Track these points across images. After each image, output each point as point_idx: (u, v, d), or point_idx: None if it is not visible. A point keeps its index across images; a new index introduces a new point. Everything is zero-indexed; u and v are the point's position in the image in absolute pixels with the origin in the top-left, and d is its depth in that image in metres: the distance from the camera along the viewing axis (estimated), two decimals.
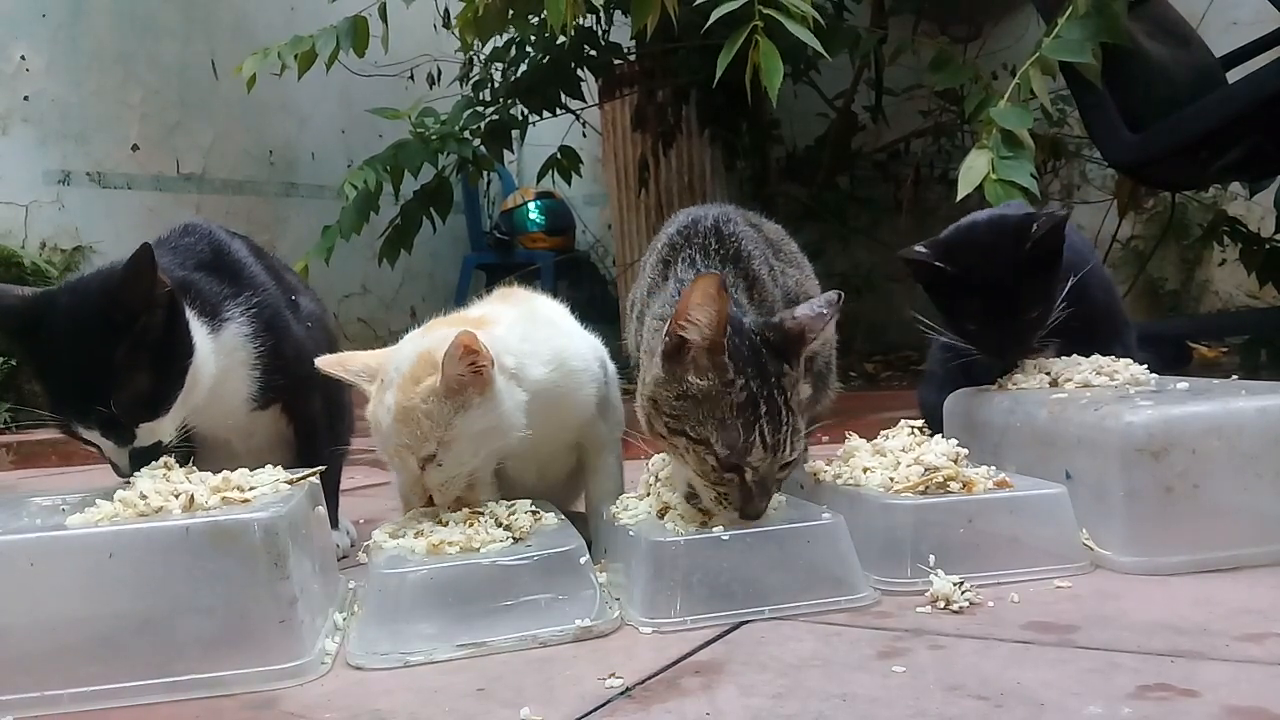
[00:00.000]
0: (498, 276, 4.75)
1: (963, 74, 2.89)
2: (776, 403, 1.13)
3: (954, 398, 1.60)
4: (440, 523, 1.22)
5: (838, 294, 1.21)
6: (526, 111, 3.85)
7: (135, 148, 4.34)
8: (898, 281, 1.65)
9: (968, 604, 1.12)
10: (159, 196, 4.38)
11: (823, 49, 2.28)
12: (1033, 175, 2.19)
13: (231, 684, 0.99)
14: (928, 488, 1.25)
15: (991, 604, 1.13)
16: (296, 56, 3.28)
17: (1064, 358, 1.55)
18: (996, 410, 1.49)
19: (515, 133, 3.93)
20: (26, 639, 1.00)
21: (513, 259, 5.16)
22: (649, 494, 1.28)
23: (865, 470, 1.33)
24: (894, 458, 1.34)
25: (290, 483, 1.20)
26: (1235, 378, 1.65)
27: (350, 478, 1.65)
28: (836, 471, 1.36)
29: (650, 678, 0.96)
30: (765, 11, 2.12)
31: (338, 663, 1.06)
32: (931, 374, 1.81)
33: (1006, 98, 2.33)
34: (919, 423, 1.47)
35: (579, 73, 3.85)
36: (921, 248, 1.57)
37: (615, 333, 1.61)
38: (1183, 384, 1.43)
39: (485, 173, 4.13)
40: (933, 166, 4.34)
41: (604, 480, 1.44)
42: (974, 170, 2.21)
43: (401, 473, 1.28)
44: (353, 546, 1.58)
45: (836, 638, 1.04)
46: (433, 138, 3.56)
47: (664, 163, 4.11)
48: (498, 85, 3.93)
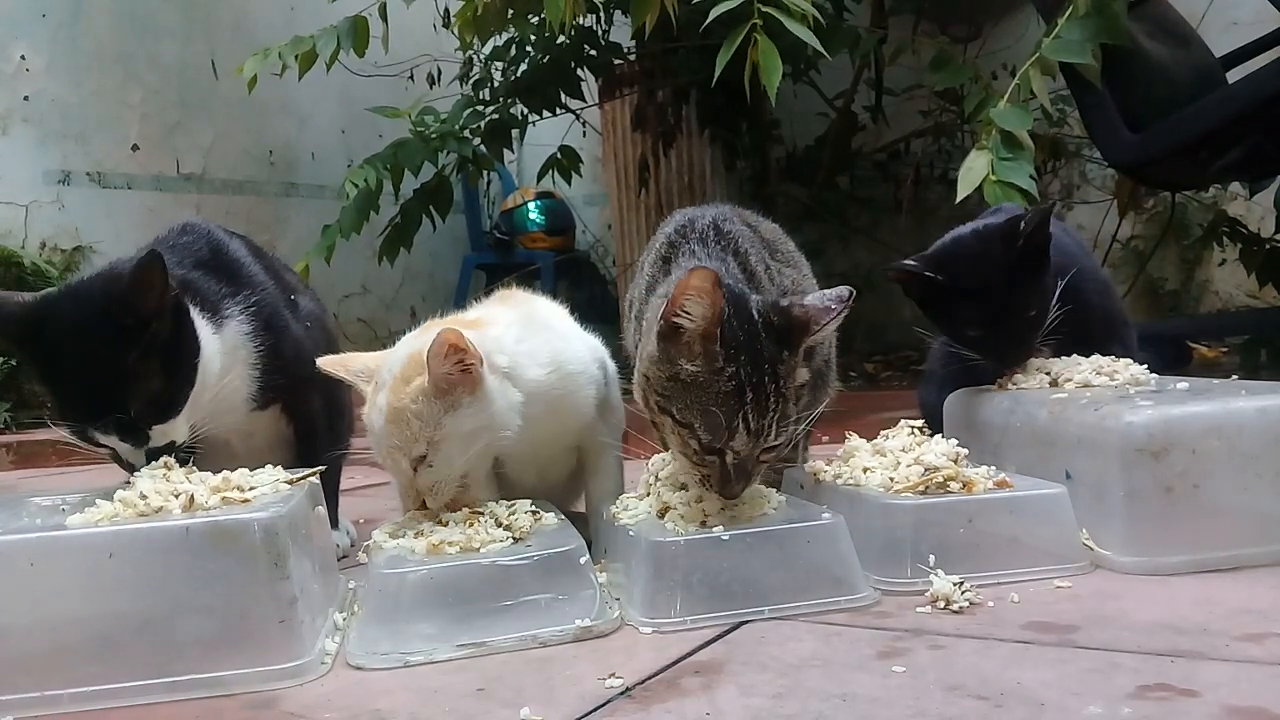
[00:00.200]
0: (498, 276, 4.76)
1: (963, 74, 2.89)
2: (766, 389, 1.13)
3: (954, 398, 1.60)
4: (440, 523, 1.22)
5: (849, 290, 1.19)
6: (526, 111, 3.85)
7: (135, 148, 4.34)
8: (888, 279, 1.64)
9: (968, 604, 1.12)
10: (159, 196, 4.38)
11: (822, 48, 2.28)
12: (1032, 176, 2.19)
13: (231, 684, 0.99)
14: (928, 488, 1.25)
15: (991, 604, 1.12)
16: (297, 57, 3.29)
17: (1064, 358, 1.55)
18: (996, 410, 1.49)
19: (515, 132, 3.93)
20: (26, 639, 1.00)
21: (513, 259, 5.16)
22: (649, 494, 1.27)
23: (865, 470, 1.33)
24: (894, 458, 1.34)
25: (290, 483, 1.20)
26: (1235, 378, 1.64)
27: (350, 478, 1.65)
28: (836, 471, 1.36)
29: (650, 678, 0.96)
30: (764, 10, 2.12)
31: (338, 663, 1.06)
32: (931, 374, 1.81)
33: (1006, 98, 2.33)
34: (919, 423, 1.47)
35: (579, 72, 3.85)
36: (911, 261, 1.56)
37: (615, 333, 1.60)
38: (1183, 384, 1.43)
39: (485, 172, 4.13)
40: (933, 166, 4.34)
41: (604, 480, 1.44)
42: (974, 171, 2.20)
43: (395, 475, 1.27)
44: (353, 546, 1.58)
45: (836, 638, 1.04)
46: (433, 137, 3.56)
47: (664, 163, 4.11)
48: (498, 85, 3.93)
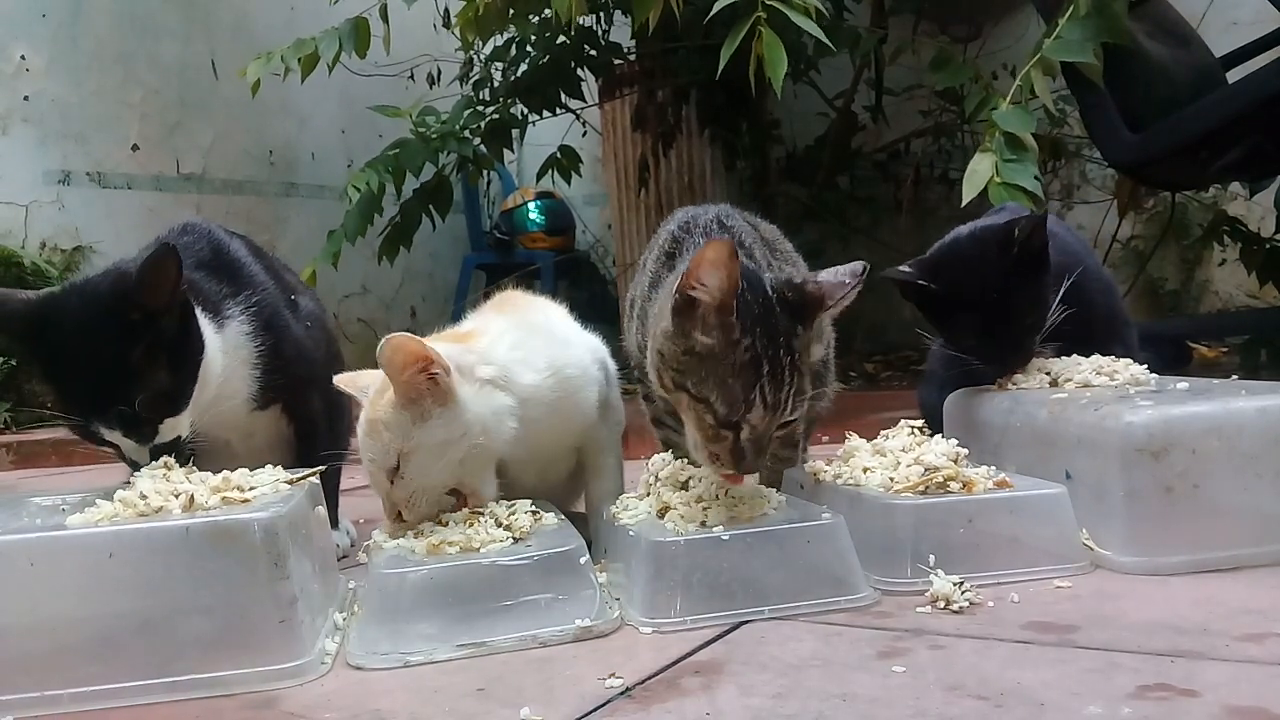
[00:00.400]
0: (498, 276, 4.76)
1: (963, 74, 2.88)
2: (781, 362, 1.12)
3: (954, 398, 1.60)
4: (440, 523, 1.22)
5: (863, 265, 1.18)
6: (526, 111, 3.84)
7: (135, 148, 4.34)
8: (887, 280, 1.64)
9: (968, 604, 1.12)
10: (159, 196, 4.38)
11: (826, 39, 2.28)
12: (1036, 178, 2.19)
13: (231, 684, 0.99)
14: (928, 488, 1.25)
15: (991, 604, 1.12)
16: (300, 60, 3.28)
17: (1064, 358, 1.55)
18: (996, 410, 1.49)
19: (515, 132, 3.93)
20: (26, 639, 1.00)
21: (513, 259, 5.16)
22: (649, 494, 1.28)
23: (865, 470, 1.33)
24: (894, 458, 1.34)
25: (290, 483, 1.20)
26: (1235, 378, 1.64)
27: (350, 478, 1.65)
28: (836, 471, 1.36)
29: (650, 678, 0.96)
30: (768, 3, 2.12)
31: (338, 663, 1.06)
32: (931, 374, 1.81)
33: (1009, 99, 2.32)
34: (919, 423, 1.47)
35: (579, 72, 3.84)
36: (906, 267, 1.56)
37: (615, 333, 1.60)
38: (1183, 384, 1.43)
39: (485, 172, 4.12)
40: (933, 166, 4.34)
41: (604, 480, 1.44)
42: (978, 174, 2.20)
43: (375, 488, 1.27)
44: (353, 546, 1.58)
45: (836, 638, 1.04)
46: (433, 137, 3.56)
47: (664, 163, 4.10)
48: (498, 85, 3.93)
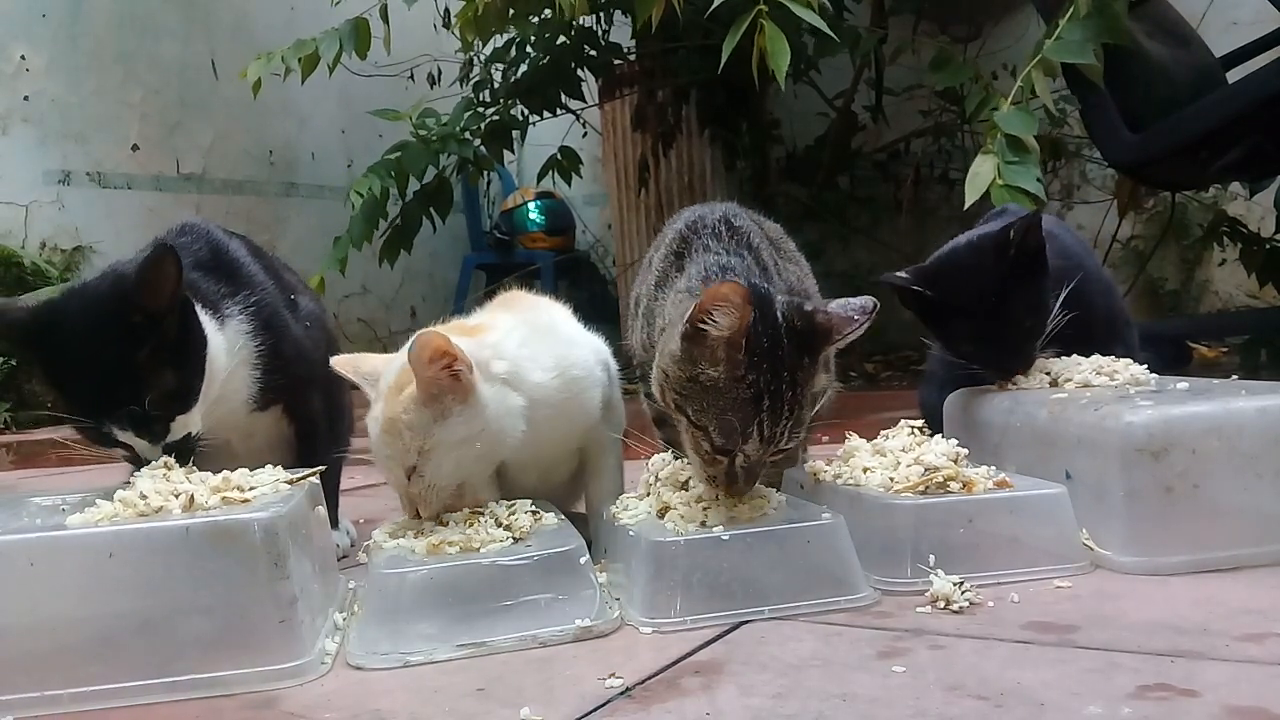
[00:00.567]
0: (498, 276, 4.76)
1: (963, 74, 2.89)
2: (783, 396, 1.12)
3: (954, 398, 1.60)
4: (440, 522, 1.22)
5: (873, 302, 1.18)
6: (527, 112, 3.84)
7: (135, 148, 4.34)
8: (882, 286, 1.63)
9: (968, 604, 1.12)
10: (159, 196, 4.38)
11: (829, 30, 2.27)
12: (1038, 179, 2.19)
13: (231, 684, 0.99)
14: (928, 488, 1.25)
15: (991, 604, 1.12)
16: (300, 60, 3.28)
17: (1064, 358, 1.55)
18: (996, 410, 1.49)
19: (515, 133, 3.93)
20: (26, 639, 1.00)
21: (513, 259, 5.16)
22: (649, 494, 1.28)
23: (865, 470, 1.33)
24: (894, 458, 1.34)
25: (290, 483, 1.20)
26: (1235, 378, 1.64)
27: (350, 478, 1.65)
28: (836, 471, 1.36)
29: (650, 678, 0.96)
30: None
31: (338, 663, 1.06)
32: (931, 374, 1.81)
33: (1010, 100, 2.32)
34: (919, 423, 1.46)
35: (579, 73, 3.85)
36: (904, 274, 1.56)
37: (616, 333, 1.60)
38: (1183, 384, 1.43)
39: (485, 173, 4.12)
40: (933, 166, 4.34)
41: (605, 481, 1.44)
42: (980, 177, 2.20)
43: (391, 483, 1.27)
44: (353, 546, 1.58)
45: (836, 638, 1.04)
46: (433, 139, 3.56)
47: (664, 163, 4.10)
48: (498, 86, 3.93)
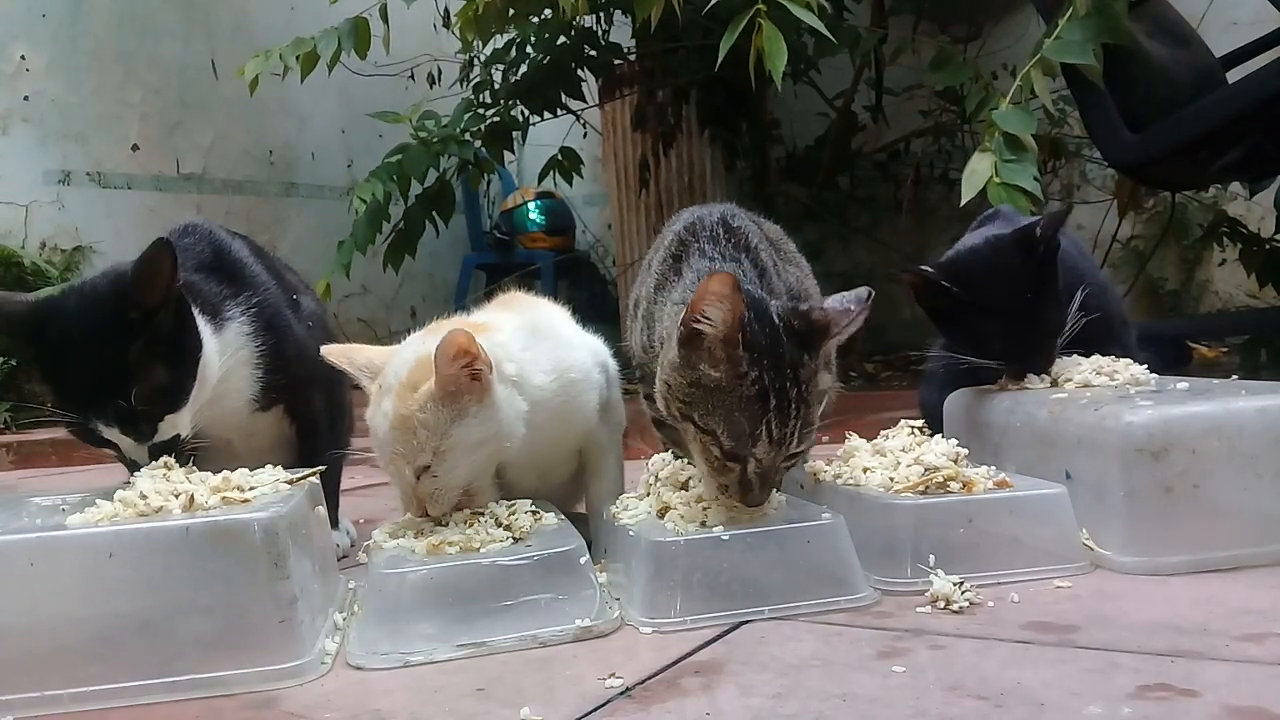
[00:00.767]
0: (498, 276, 4.76)
1: (963, 73, 2.88)
2: (788, 395, 1.12)
3: (954, 398, 1.60)
4: (440, 522, 1.22)
5: (868, 291, 1.18)
6: (527, 112, 3.84)
7: (135, 148, 4.34)
8: (898, 282, 1.63)
9: (968, 604, 1.12)
10: (159, 196, 4.38)
11: (827, 31, 2.27)
12: (1036, 178, 2.19)
13: (231, 684, 0.99)
14: (928, 488, 1.25)
15: (991, 604, 1.13)
16: (299, 58, 3.28)
17: (1064, 358, 1.55)
18: (996, 410, 1.49)
19: (516, 134, 3.93)
20: (26, 639, 1.00)
21: (513, 259, 5.16)
22: (649, 494, 1.28)
23: (865, 470, 1.33)
24: (894, 458, 1.34)
25: (290, 483, 1.20)
26: (1235, 378, 1.64)
27: (350, 478, 1.65)
28: (836, 471, 1.36)
29: (650, 678, 0.96)
30: None
31: (338, 663, 1.06)
32: (931, 374, 1.81)
33: (1009, 99, 2.32)
34: (919, 423, 1.47)
35: (579, 73, 3.84)
36: (928, 266, 1.53)
37: (615, 333, 1.60)
38: (1183, 384, 1.43)
39: (485, 173, 4.12)
40: (933, 166, 4.34)
41: (605, 481, 1.44)
42: (977, 174, 2.20)
43: (396, 481, 1.26)
44: (353, 546, 1.58)
45: (836, 638, 1.04)
46: (434, 141, 3.56)
47: (664, 163, 4.10)
48: (498, 86, 3.93)
